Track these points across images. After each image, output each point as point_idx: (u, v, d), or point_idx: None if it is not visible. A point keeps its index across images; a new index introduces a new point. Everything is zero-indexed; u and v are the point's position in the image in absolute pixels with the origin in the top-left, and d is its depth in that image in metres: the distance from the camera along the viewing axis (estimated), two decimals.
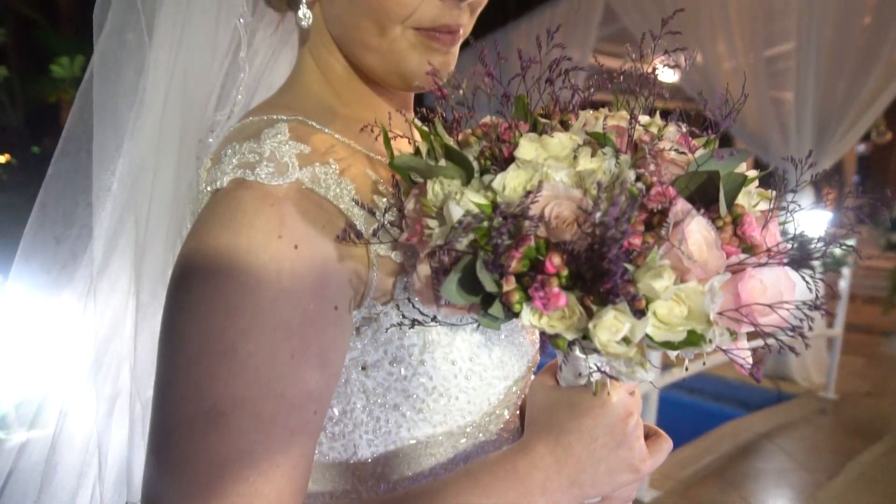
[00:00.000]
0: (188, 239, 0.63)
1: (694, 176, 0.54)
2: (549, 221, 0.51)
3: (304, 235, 0.61)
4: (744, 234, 0.54)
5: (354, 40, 0.72)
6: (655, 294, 0.48)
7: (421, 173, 0.60)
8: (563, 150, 0.55)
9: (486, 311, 0.54)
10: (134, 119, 0.77)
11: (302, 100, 0.76)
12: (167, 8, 0.74)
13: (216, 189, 0.64)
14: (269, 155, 0.64)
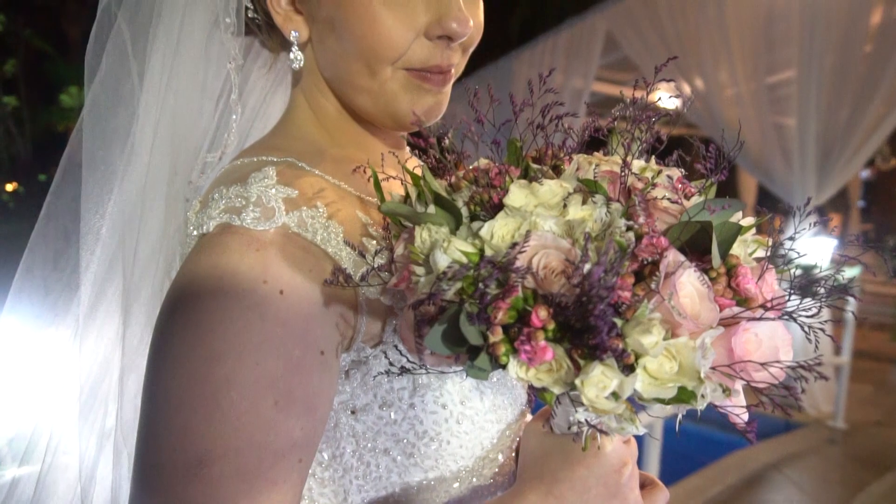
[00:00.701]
0: (173, 284, 0.63)
1: (687, 226, 0.53)
2: (537, 273, 0.50)
3: (290, 281, 0.60)
4: (738, 286, 0.53)
5: (346, 82, 0.73)
6: (644, 350, 0.48)
7: (409, 219, 0.60)
8: (554, 198, 0.55)
9: (472, 363, 0.53)
10: (125, 164, 0.77)
11: (293, 140, 0.76)
12: (157, 53, 0.74)
13: (202, 234, 0.64)
14: (255, 200, 0.64)
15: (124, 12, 0.76)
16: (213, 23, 0.73)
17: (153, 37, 0.74)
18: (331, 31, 0.70)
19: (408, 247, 0.58)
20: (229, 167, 0.73)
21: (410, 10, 0.67)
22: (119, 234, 0.77)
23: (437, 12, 0.67)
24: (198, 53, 0.74)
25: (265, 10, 0.73)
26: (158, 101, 0.74)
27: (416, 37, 0.68)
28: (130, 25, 0.76)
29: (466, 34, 0.68)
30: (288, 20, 0.72)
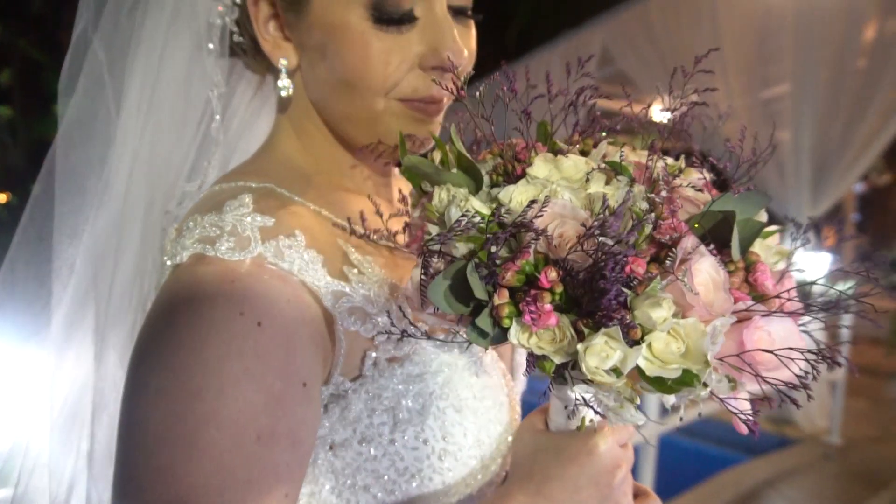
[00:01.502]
0: (147, 317, 0.61)
1: (708, 215, 0.52)
2: (551, 238, 0.49)
3: (268, 312, 0.58)
4: (756, 282, 0.52)
5: (336, 111, 0.72)
6: (652, 324, 0.46)
7: (429, 178, 0.59)
8: (577, 173, 0.54)
9: (474, 324, 0.52)
10: (102, 192, 0.75)
11: (274, 165, 0.74)
12: (136, 80, 0.73)
13: (176, 264, 0.63)
14: (230, 229, 0.62)
15: (100, 38, 0.75)
16: (196, 48, 0.72)
17: (132, 63, 0.73)
18: (321, 59, 0.68)
19: (425, 207, 0.56)
20: (207, 194, 0.71)
21: (405, 40, 0.66)
22: (93, 266, 0.75)
23: (432, 43, 0.67)
24: (179, 80, 0.73)
25: (252, 36, 0.72)
26: (137, 129, 0.73)
27: (411, 68, 0.67)
28: (107, 52, 0.75)
29: (461, 65, 0.67)
30: (276, 47, 0.70)
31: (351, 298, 0.65)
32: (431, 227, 0.54)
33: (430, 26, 0.67)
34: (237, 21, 0.72)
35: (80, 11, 0.76)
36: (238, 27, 0.73)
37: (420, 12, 0.66)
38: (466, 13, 0.71)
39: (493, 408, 0.73)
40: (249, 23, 0.70)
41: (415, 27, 0.66)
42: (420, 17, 0.66)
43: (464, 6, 0.70)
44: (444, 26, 0.67)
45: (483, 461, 0.71)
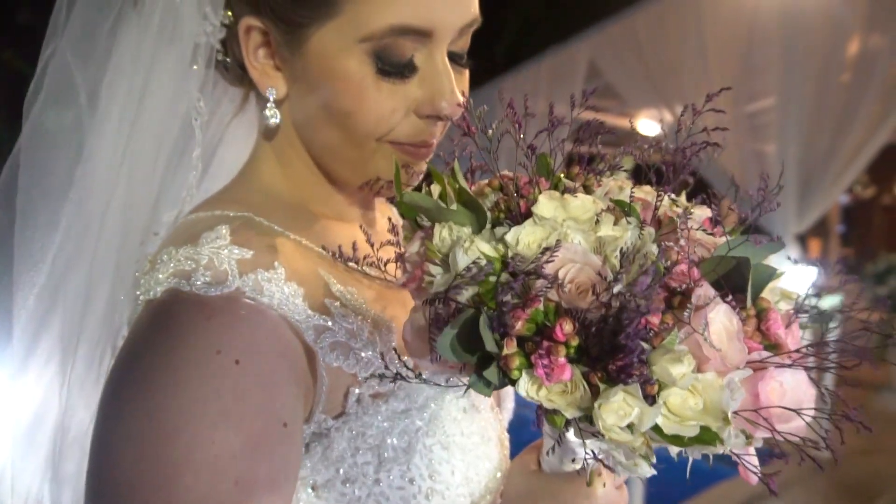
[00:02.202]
0: (117, 358, 0.58)
1: (722, 260, 0.51)
2: (564, 285, 0.47)
3: (246, 349, 0.56)
4: (768, 330, 0.51)
5: (324, 147, 0.69)
6: (672, 380, 0.44)
7: (429, 215, 0.56)
8: (585, 213, 0.52)
9: (479, 374, 0.49)
10: (72, 218, 0.72)
11: (254, 193, 0.72)
12: (115, 107, 0.69)
13: (149, 299, 0.60)
14: (206, 262, 0.60)
15: (76, 58, 0.71)
16: (181, 71, 0.68)
17: (111, 86, 0.69)
18: (312, 94, 0.66)
19: (425, 244, 0.55)
20: (182, 223, 0.68)
21: (403, 90, 0.64)
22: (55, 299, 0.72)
23: (431, 92, 0.65)
24: (162, 104, 0.69)
25: (239, 60, 0.69)
26: (116, 154, 0.69)
27: (406, 114, 0.65)
28: (84, 73, 0.71)
29: (457, 114, 0.65)
30: (265, 76, 0.68)
31: (333, 333, 0.62)
32: (433, 268, 0.52)
33: (429, 76, 0.65)
34: (223, 41, 0.69)
35: (52, 29, 0.73)
36: (223, 47, 0.70)
37: (420, 61, 0.65)
38: (461, 61, 0.69)
39: (481, 443, 0.70)
40: (237, 46, 0.68)
41: (414, 77, 0.65)
42: (420, 67, 0.65)
43: (461, 53, 0.69)
44: (444, 76, 0.65)
45: (472, 499, 0.69)
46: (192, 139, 0.72)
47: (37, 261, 0.73)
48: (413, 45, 0.63)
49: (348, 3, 0.61)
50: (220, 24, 0.67)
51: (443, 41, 0.65)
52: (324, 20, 0.63)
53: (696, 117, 0.60)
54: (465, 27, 0.66)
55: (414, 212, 0.58)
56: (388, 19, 0.61)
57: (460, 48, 0.69)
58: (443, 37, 0.64)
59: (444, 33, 0.64)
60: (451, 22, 0.64)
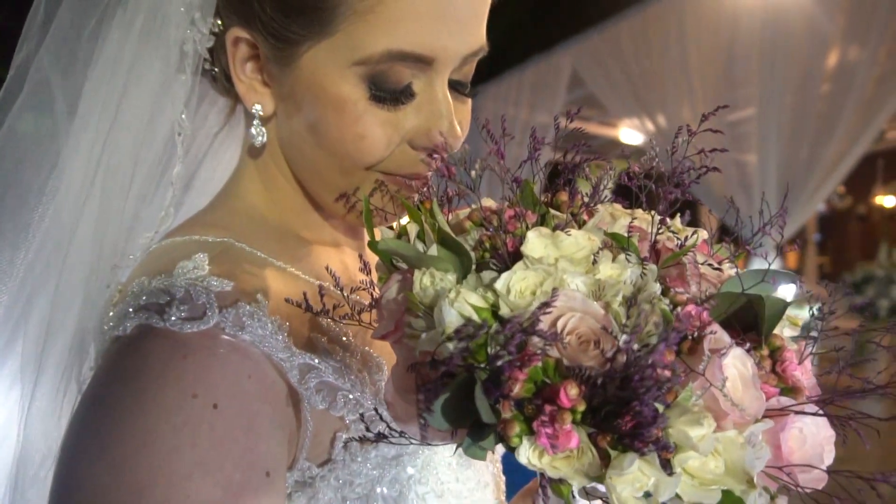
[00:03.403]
0: (81, 400, 0.53)
1: (730, 298, 0.46)
2: (562, 338, 0.42)
3: (226, 392, 0.51)
4: (784, 372, 0.45)
5: (311, 171, 0.64)
6: (691, 445, 0.39)
7: (408, 262, 0.50)
8: (579, 251, 0.46)
9: (474, 440, 0.44)
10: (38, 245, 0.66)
11: (236, 216, 0.67)
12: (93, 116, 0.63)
13: (117, 335, 0.54)
14: (182, 295, 0.54)
15: (55, 63, 0.65)
16: (165, 80, 0.63)
17: (91, 95, 0.63)
18: (301, 114, 0.61)
19: (403, 293, 0.49)
20: (156, 249, 0.63)
21: (398, 118, 0.60)
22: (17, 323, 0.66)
23: (427, 123, 0.60)
24: (144, 117, 0.64)
25: (226, 72, 0.64)
26: (90, 169, 0.63)
27: (400, 143, 0.61)
28: (63, 81, 0.65)
29: (454, 149, 0.61)
30: (252, 91, 0.63)
31: (319, 372, 0.57)
32: (415, 321, 0.46)
33: (427, 104, 0.60)
34: (211, 50, 0.64)
35: (27, 31, 0.67)
36: (211, 56, 0.65)
37: (419, 88, 0.60)
38: (464, 91, 0.64)
39: (477, 489, 0.65)
40: (225, 56, 0.62)
41: (411, 104, 0.60)
42: (418, 94, 0.60)
43: (464, 82, 0.64)
44: (443, 107, 0.60)
45: None
46: (174, 155, 0.66)
47: (3, 278, 0.67)
48: (411, 71, 0.59)
49: (344, 23, 0.56)
50: (209, 31, 0.62)
51: (445, 69, 0.60)
52: (317, 38, 0.58)
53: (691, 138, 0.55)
54: (470, 55, 0.61)
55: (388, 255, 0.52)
56: (386, 44, 0.56)
57: (463, 76, 0.64)
58: (445, 65, 0.59)
59: (447, 62, 0.59)
60: (455, 50, 0.59)
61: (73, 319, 0.64)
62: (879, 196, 6.88)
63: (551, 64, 5.28)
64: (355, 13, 0.56)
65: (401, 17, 0.56)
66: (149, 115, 0.64)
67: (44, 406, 0.66)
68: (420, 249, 0.49)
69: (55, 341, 0.65)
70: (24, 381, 0.66)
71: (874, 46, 4.20)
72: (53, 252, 0.65)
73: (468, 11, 0.59)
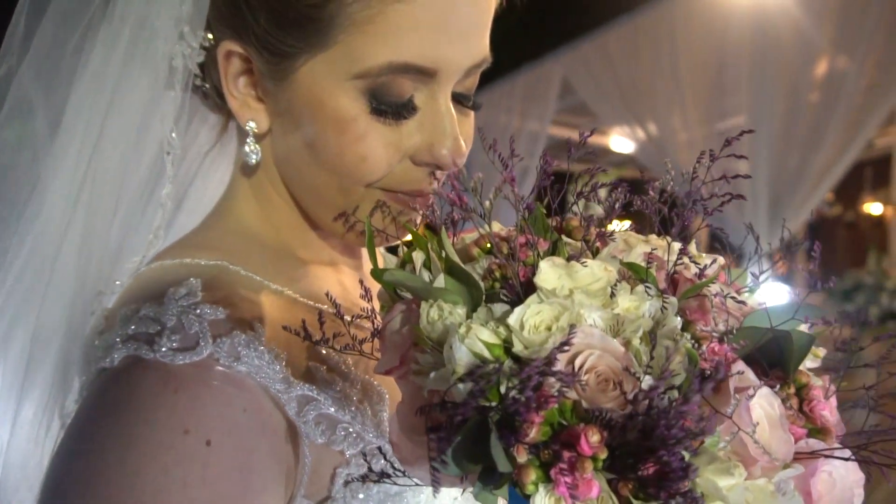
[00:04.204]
0: (65, 436, 0.50)
1: (755, 333, 0.43)
2: (581, 380, 0.39)
3: (219, 427, 0.48)
4: (812, 411, 0.43)
5: (308, 190, 0.62)
6: (720, 496, 0.36)
7: (415, 293, 0.47)
8: (595, 282, 0.44)
9: (484, 486, 0.41)
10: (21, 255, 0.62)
11: (229, 236, 0.64)
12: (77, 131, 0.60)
13: (104, 367, 0.51)
14: (173, 324, 0.51)
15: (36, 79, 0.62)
16: (153, 97, 0.60)
17: (74, 113, 0.60)
18: (297, 130, 0.58)
19: (409, 325, 0.46)
20: (145, 273, 0.60)
21: (399, 132, 0.57)
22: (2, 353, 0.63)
23: (430, 137, 0.58)
24: (130, 135, 0.61)
25: (218, 91, 0.61)
26: (73, 189, 0.60)
27: (402, 160, 0.58)
28: (45, 99, 0.62)
29: (458, 166, 0.58)
30: (245, 107, 0.60)
31: (318, 405, 0.54)
32: (422, 358, 0.43)
33: (429, 119, 0.57)
34: (201, 65, 0.61)
35: (6, 46, 0.63)
36: (202, 71, 0.62)
37: (421, 102, 0.57)
38: (468, 103, 0.62)
39: None
40: (216, 71, 0.59)
41: (413, 117, 0.57)
42: (420, 108, 0.57)
43: (467, 94, 0.61)
44: (446, 122, 0.58)
45: None
46: (163, 175, 0.63)
47: None
48: (413, 83, 0.56)
49: (342, 34, 0.54)
50: (200, 46, 0.59)
51: (448, 81, 0.57)
52: (314, 51, 0.55)
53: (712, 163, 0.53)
54: (474, 67, 0.59)
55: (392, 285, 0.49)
56: (387, 56, 0.53)
57: (467, 89, 0.61)
58: (448, 77, 0.57)
59: (450, 73, 0.57)
60: (459, 62, 0.57)
61: (55, 350, 0.61)
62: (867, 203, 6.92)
63: (542, 72, 5.29)
64: (354, 24, 0.53)
65: (402, 27, 0.53)
66: (136, 133, 0.61)
67: (24, 442, 0.63)
68: (426, 278, 0.46)
69: (36, 373, 0.61)
70: (3, 415, 0.62)
71: (862, 56, 4.23)
72: (34, 279, 0.62)
73: (471, 21, 0.57)
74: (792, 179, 4.59)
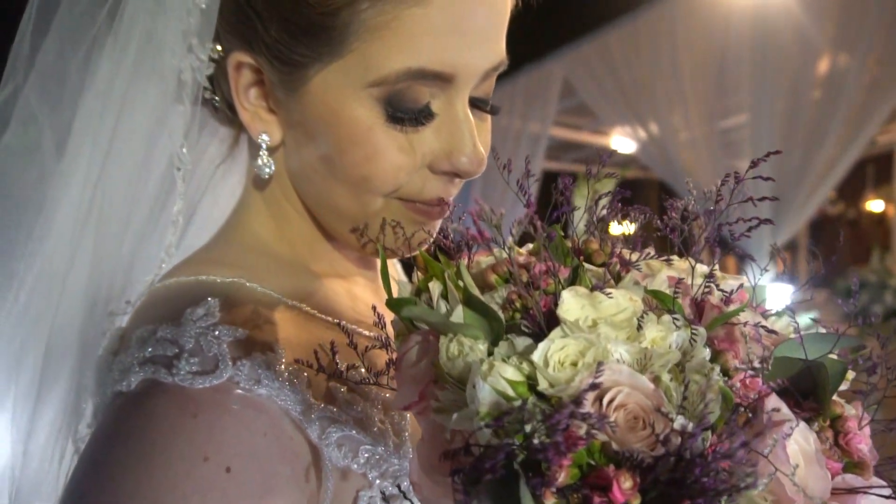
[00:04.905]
0: (80, 462, 0.48)
1: (786, 364, 0.41)
2: (611, 420, 0.38)
3: (239, 453, 0.46)
4: (848, 445, 0.41)
5: (324, 202, 0.60)
6: None
7: (433, 327, 0.45)
8: (620, 313, 0.42)
9: None
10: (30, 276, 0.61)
11: (243, 252, 0.62)
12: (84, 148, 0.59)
13: (120, 391, 0.50)
14: (192, 347, 0.50)
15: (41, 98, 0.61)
16: (162, 112, 0.58)
17: (81, 128, 0.59)
18: (311, 142, 0.57)
19: (426, 359, 0.44)
20: (159, 291, 0.58)
21: (417, 140, 0.56)
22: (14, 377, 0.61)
23: (448, 145, 0.56)
24: (140, 152, 0.59)
25: (228, 101, 0.59)
26: (82, 209, 0.59)
27: (420, 168, 0.57)
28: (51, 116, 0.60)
29: (478, 173, 0.57)
30: (257, 119, 0.59)
31: (340, 426, 0.53)
32: (443, 395, 0.42)
33: (447, 125, 0.56)
34: (210, 77, 0.60)
35: (11, 64, 0.62)
36: (211, 84, 0.60)
37: (438, 108, 0.56)
38: (485, 107, 0.60)
39: None
40: (227, 83, 0.58)
41: (430, 124, 0.55)
42: (438, 114, 0.56)
43: (484, 99, 0.60)
44: (464, 128, 0.56)
45: None
46: (173, 191, 0.62)
47: None
48: (430, 90, 0.54)
49: (356, 42, 0.52)
50: (209, 58, 0.58)
51: (465, 86, 0.56)
52: (327, 60, 0.53)
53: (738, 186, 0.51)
54: (491, 70, 0.57)
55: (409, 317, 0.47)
56: (403, 61, 0.52)
57: (485, 93, 0.60)
58: (465, 82, 0.55)
59: (468, 78, 0.55)
60: (476, 66, 0.55)
61: (67, 372, 0.60)
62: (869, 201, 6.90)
63: (543, 73, 5.27)
64: (368, 30, 0.52)
65: (418, 32, 0.52)
66: (144, 149, 0.59)
67: (36, 466, 0.61)
68: (444, 308, 0.45)
69: (48, 396, 0.60)
70: (15, 441, 0.61)
71: (863, 54, 4.21)
72: (45, 301, 0.61)
73: (488, 23, 0.56)
74: (794, 178, 4.57)
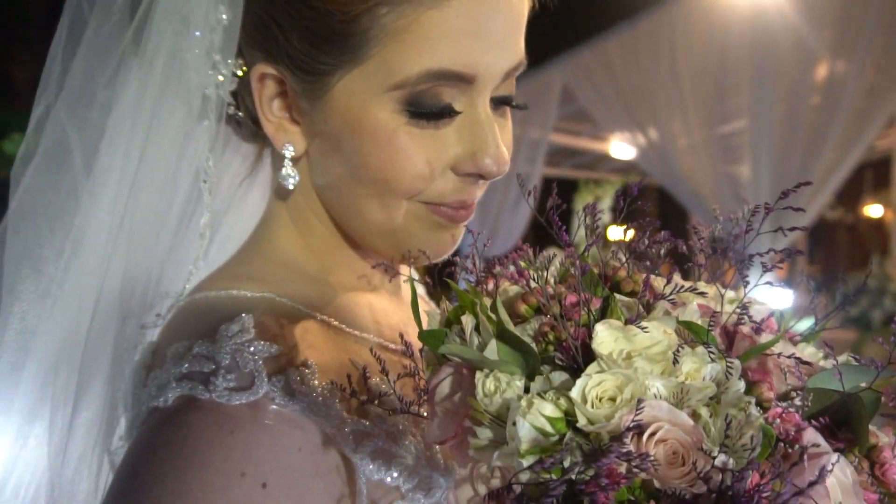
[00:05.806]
0: (116, 478, 0.48)
1: (822, 396, 0.42)
2: (652, 459, 0.38)
3: (275, 468, 0.47)
4: (884, 475, 0.42)
5: (349, 209, 0.60)
6: None
7: (471, 364, 0.45)
8: (656, 346, 0.42)
9: None
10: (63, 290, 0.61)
11: (272, 266, 0.62)
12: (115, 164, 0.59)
13: (156, 406, 0.50)
14: (228, 363, 0.50)
15: (71, 116, 0.61)
16: (188, 128, 0.59)
17: (110, 145, 0.59)
18: (335, 150, 0.57)
19: (462, 393, 0.44)
20: (191, 306, 0.59)
21: (440, 142, 0.56)
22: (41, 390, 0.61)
23: (471, 146, 0.57)
24: (168, 168, 0.60)
25: (252, 114, 0.60)
26: (113, 225, 0.59)
27: (443, 170, 0.57)
28: (79, 131, 0.61)
29: (502, 174, 0.57)
30: (281, 130, 0.59)
31: (374, 440, 0.52)
32: (481, 432, 0.42)
33: (469, 125, 0.56)
34: (234, 93, 0.60)
35: (44, 84, 0.63)
36: (235, 100, 0.61)
37: (460, 107, 0.56)
38: (510, 103, 0.60)
39: None
40: (249, 96, 0.59)
41: (452, 124, 0.56)
42: (460, 113, 0.56)
43: (508, 96, 0.60)
44: (486, 128, 0.56)
45: None
46: (200, 204, 0.63)
47: (27, 346, 0.62)
48: (451, 91, 0.55)
49: (377, 47, 0.53)
50: (232, 73, 0.59)
51: (486, 88, 0.56)
52: (348, 67, 0.54)
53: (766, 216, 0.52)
54: (511, 71, 0.58)
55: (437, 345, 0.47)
56: (424, 63, 0.52)
57: (507, 91, 0.60)
58: (486, 83, 0.56)
59: (488, 79, 0.56)
60: (495, 67, 0.56)
61: (100, 388, 0.61)
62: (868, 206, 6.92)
63: (543, 79, 5.29)
64: (388, 35, 0.52)
65: (438, 34, 0.52)
66: (172, 165, 0.60)
67: (70, 479, 0.62)
68: (476, 341, 0.45)
69: (82, 412, 0.61)
70: (50, 454, 0.61)
71: (862, 59, 4.23)
72: (77, 316, 0.61)
73: (507, 24, 0.56)
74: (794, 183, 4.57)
